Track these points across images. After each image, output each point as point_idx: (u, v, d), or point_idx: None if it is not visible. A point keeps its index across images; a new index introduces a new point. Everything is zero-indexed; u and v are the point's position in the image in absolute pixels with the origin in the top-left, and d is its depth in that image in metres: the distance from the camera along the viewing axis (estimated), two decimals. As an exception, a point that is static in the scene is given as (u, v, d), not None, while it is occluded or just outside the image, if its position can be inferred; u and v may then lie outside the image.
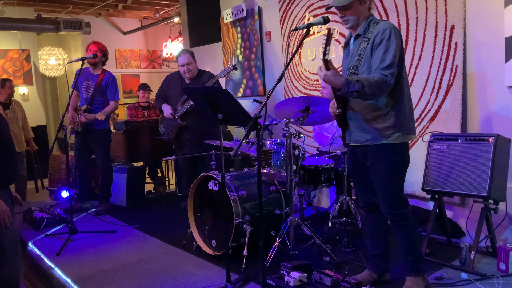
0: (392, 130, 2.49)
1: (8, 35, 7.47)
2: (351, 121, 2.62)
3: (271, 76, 5.25)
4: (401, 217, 2.57)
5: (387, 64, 2.36)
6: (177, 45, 9.04)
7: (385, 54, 2.37)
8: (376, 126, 2.51)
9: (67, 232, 4.00)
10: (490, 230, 3.09)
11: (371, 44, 2.44)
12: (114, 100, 4.77)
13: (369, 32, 2.48)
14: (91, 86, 4.74)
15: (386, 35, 2.39)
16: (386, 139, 2.50)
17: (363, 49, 2.48)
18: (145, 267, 3.32)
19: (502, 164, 3.03)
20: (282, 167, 3.37)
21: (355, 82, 2.31)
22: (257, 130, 2.44)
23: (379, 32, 2.42)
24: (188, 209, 3.61)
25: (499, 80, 3.24)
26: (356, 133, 2.60)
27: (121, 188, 5.26)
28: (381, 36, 2.41)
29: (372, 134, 2.52)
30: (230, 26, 5.71)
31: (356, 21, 2.52)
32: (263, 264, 2.61)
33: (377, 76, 2.34)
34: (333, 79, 2.35)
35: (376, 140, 2.52)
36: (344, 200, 3.46)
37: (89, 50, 4.70)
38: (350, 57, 2.60)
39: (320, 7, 4.50)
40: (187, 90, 3.80)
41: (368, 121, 2.53)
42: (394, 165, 2.53)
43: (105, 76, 4.73)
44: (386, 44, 2.38)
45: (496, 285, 2.72)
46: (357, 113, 2.56)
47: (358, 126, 2.58)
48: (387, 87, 2.38)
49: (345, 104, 2.60)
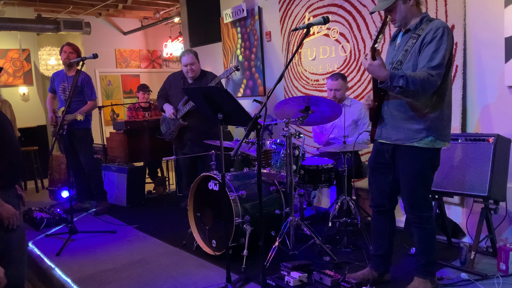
0: (426, 133, 2.41)
1: (8, 35, 7.46)
2: (385, 117, 2.54)
3: (271, 76, 5.25)
4: (422, 219, 2.53)
5: (436, 64, 2.28)
6: (177, 45, 9.03)
7: (435, 53, 2.29)
8: (410, 127, 2.43)
9: (67, 232, 4.00)
10: (490, 230, 3.09)
11: (421, 41, 2.35)
12: (92, 99, 4.75)
13: (420, 28, 2.39)
14: (67, 88, 4.72)
15: (439, 34, 2.30)
16: (418, 142, 2.42)
17: (411, 44, 2.38)
18: (145, 267, 3.32)
19: (502, 164, 3.03)
20: (282, 167, 3.37)
21: (400, 77, 2.23)
22: (257, 130, 2.44)
23: (431, 30, 2.33)
24: (188, 209, 3.61)
25: (499, 80, 3.24)
26: (388, 130, 2.52)
27: (121, 188, 5.25)
28: (433, 34, 2.31)
29: (405, 134, 2.45)
30: (230, 26, 5.71)
31: (403, 19, 2.45)
32: (263, 264, 2.61)
33: (423, 74, 2.26)
34: (377, 70, 2.26)
35: (407, 141, 2.45)
36: (344, 200, 3.46)
37: (64, 52, 4.69)
38: (395, 51, 2.51)
39: (320, 7, 4.50)
40: (187, 90, 3.79)
41: (403, 120, 2.45)
42: (422, 169, 2.47)
43: (80, 76, 4.69)
44: (437, 43, 2.29)
45: (496, 285, 2.72)
46: (393, 110, 2.48)
47: (391, 124, 2.50)
48: (432, 87, 2.30)
49: (382, 98, 2.51)
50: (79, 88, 4.69)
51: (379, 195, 2.71)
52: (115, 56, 9.26)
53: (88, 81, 4.77)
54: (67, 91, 4.70)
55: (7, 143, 2.35)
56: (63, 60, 4.72)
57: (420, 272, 2.61)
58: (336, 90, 3.90)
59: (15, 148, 2.41)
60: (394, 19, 2.47)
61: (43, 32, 7.70)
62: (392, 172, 2.61)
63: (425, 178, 2.51)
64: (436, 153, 2.50)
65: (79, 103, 4.71)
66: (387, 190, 2.66)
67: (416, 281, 2.62)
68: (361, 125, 3.94)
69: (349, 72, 4.30)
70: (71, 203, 4.12)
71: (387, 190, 2.66)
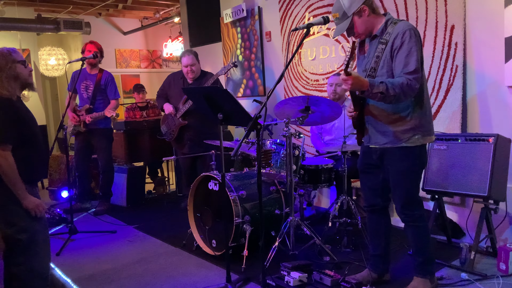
0: (412, 132, 2.45)
1: (8, 35, 7.47)
2: (369, 124, 2.57)
3: (271, 76, 5.25)
4: (414, 218, 2.55)
5: (413, 69, 2.31)
6: (177, 45, 9.04)
7: (408, 58, 2.32)
8: (395, 129, 2.47)
9: (67, 232, 4.00)
10: (490, 230, 3.09)
11: (390, 47, 2.38)
12: (115, 98, 4.80)
13: (386, 33, 2.42)
14: (90, 86, 4.75)
15: (406, 37, 2.33)
16: (406, 142, 2.46)
17: (381, 51, 2.41)
18: (145, 267, 3.33)
19: (502, 164, 3.03)
20: (282, 167, 3.37)
21: (379, 83, 2.28)
22: (257, 130, 2.44)
23: (399, 34, 2.36)
24: (188, 209, 3.61)
25: (499, 80, 3.24)
26: (375, 135, 2.56)
27: (121, 188, 5.26)
28: (401, 39, 2.34)
29: (392, 137, 2.49)
30: (230, 26, 5.71)
31: (366, 31, 2.49)
32: (263, 264, 2.61)
33: (401, 79, 2.30)
34: (358, 82, 2.28)
35: (395, 143, 2.48)
36: (344, 200, 3.46)
37: (87, 50, 4.68)
38: (366, 58, 2.54)
39: (320, 7, 4.50)
40: (187, 90, 3.80)
41: (388, 124, 2.48)
42: (411, 166, 2.50)
43: (103, 75, 4.74)
44: (408, 47, 2.33)
45: (496, 285, 2.72)
46: (375, 116, 2.52)
47: (377, 129, 2.54)
48: (413, 91, 2.34)
49: (362, 107, 2.54)
50: (103, 87, 4.72)
51: (371, 195, 2.74)
52: (115, 56, 9.26)
53: (112, 80, 4.81)
54: (90, 89, 4.73)
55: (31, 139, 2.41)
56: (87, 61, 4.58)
57: (419, 272, 2.63)
58: (337, 85, 3.90)
59: (40, 149, 2.47)
60: (357, 34, 2.50)
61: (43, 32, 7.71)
62: (381, 172, 2.64)
63: (415, 176, 2.55)
64: (423, 149, 2.55)
65: (102, 102, 4.75)
66: (379, 189, 2.69)
67: (415, 281, 2.63)
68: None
69: (349, 72, 4.29)
70: (71, 203, 4.12)
71: (378, 189, 2.69)
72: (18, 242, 2.33)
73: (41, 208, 2.39)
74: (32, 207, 2.35)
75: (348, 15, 2.44)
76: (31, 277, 2.38)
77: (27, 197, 2.34)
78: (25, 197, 2.33)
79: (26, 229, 2.35)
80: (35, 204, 2.37)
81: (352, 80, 2.26)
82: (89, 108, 4.70)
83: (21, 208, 2.33)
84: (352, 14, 2.44)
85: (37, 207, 2.37)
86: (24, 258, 2.35)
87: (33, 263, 2.38)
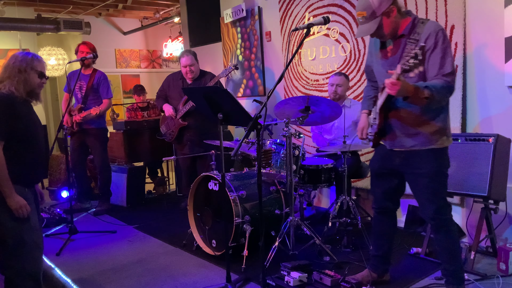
0: (440, 134, 2.41)
1: (8, 35, 7.46)
2: (395, 128, 2.48)
3: (271, 76, 5.25)
4: (447, 221, 2.48)
5: (450, 71, 2.26)
6: (177, 45, 9.03)
7: (444, 59, 2.26)
8: (425, 131, 2.40)
9: (67, 232, 4.00)
10: (490, 230, 3.09)
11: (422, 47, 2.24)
12: (108, 97, 4.79)
13: (415, 32, 2.32)
14: (83, 86, 4.76)
15: (440, 38, 2.27)
16: (435, 144, 2.41)
17: (410, 51, 2.25)
18: (145, 267, 3.32)
19: (502, 164, 3.03)
20: (282, 167, 3.37)
21: (424, 88, 2.19)
22: (257, 130, 2.44)
23: (431, 35, 2.28)
24: (188, 209, 3.61)
25: (499, 80, 3.24)
26: (401, 139, 2.47)
27: (121, 188, 5.26)
28: (434, 39, 2.27)
29: (420, 140, 2.42)
30: (230, 26, 5.71)
31: (392, 32, 2.39)
32: (263, 264, 2.60)
33: (441, 82, 2.24)
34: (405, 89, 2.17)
35: (424, 145, 2.41)
36: (344, 200, 3.46)
37: (80, 52, 4.69)
38: (392, 57, 2.43)
39: (320, 7, 4.50)
40: (187, 90, 3.79)
41: (417, 127, 2.41)
42: (442, 168, 2.46)
43: (96, 75, 4.73)
44: (442, 48, 2.26)
45: (496, 285, 2.72)
46: (403, 119, 2.43)
47: (404, 132, 2.45)
48: (450, 94, 2.30)
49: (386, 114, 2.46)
50: (95, 86, 4.72)
51: (382, 198, 2.70)
52: (115, 56, 9.26)
53: (104, 79, 4.81)
54: (83, 89, 4.74)
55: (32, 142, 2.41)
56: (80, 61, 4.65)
57: (454, 282, 2.52)
58: (338, 86, 3.90)
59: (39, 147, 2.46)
60: (384, 35, 2.40)
61: (43, 32, 7.71)
62: (399, 177, 2.59)
63: (445, 178, 2.49)
64: (447, 150, 2.50)
65: (95, 101, 4.75)
66: (392, 193, 2.65)
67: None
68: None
69: (349, 72, 4.29)
70: (71, 203, 4.12)
71: (391, 193, 2.65)
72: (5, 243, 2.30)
73: (24, 209, 2.32)
74: (15, 207, 2.30)
75: (377, 15, 2.33)
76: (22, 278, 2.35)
77: (12, 196, 2.29)
78: (9, 195, 2.28)
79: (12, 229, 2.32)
80: (19, 205, 2.31)
81: (400, 86, 2.15)
82: (81, 107, 4.69)
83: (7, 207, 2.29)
84: (381, 14, 2.32)
85: (20, 208, 2.31)
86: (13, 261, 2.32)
87: (24, 265, 2.35)
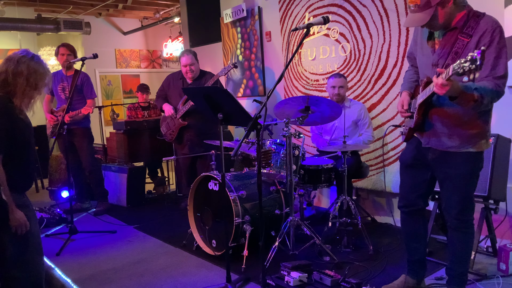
0: (480, 137, 2.29)
1: (8, 35, 7.46)
2: (435, 126, 2.35)
3: (271, 76, 5.25)
4: (468, 224, 2.41)
5: (502, 74, 2.10)
6: (177, 45, 9.03)
7: (497, 60, 2.10)
8: (463, 133, 2.28)
9: (67, 232, 4.00)
10: (490, 230, 3.09)
11: (475, 43, 2.12)
12: (92, 98, 4.79)
13: (469, 26, 2.15)
14: (66, 87, 4.77)
15: (496, 36, 2.09)
16: (473, 147, 2.29)
17: (461, 46, 2.15)
18: (145, 267, 3.33)
19: (502, 164, 3.03)
20: (282, 167, 3.37)
21: (473, 90, 2.04)
22: (257, 130, 2.44)
23: (487, 31, 2.10)
24: (188, 209, 3.62)
25: (499, 80, 3.23)
26: (439, 138, 2.35)
27: (121, 188, 5.26)
28: (490, 37, 2.09)
29: (458, 141, 2.30)
30: (230, 26, 5.71)
31: (446, 22, 2.20)
32: (263, 264, 2.60)
33: (491, 85, 2.08)
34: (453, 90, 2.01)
35: (462, 147, 2.30)
36: (344, 200, 3.46)
37: (61, 54, 4.71)
38: (440, 50, 2.26)
39: (320, 7, 4.50)
40: (187, 90, 3.80)
41: (457, 127, 2.29)
42: (475, 171, 2.36)
43: (80, 76, 4.71)
44: (497, 47, 2.09)
45: (496, 285, 2.72)
46: (444, 118, 2.31)
47: (442, 132, 2.33)
48: (499, 97, 2.15)
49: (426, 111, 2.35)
50: (79, 87, 4.72)
51: (412, 193, 2.55)
52: (115, 56, 9.26)
53: (87, 80, 4.82)
54: (67, 90, 4.73)
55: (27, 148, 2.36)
56: (62, 63, 4.74)
57: (457, 284, 2.47)
58: (340, 87, 3.90)
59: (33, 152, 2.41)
60: (434, 26, 2.23)
61: (43, 32, 7.70)
62: (430, 171, 2.47)
63: (475, 181, 2.40)
64: (483, 154, 2.39)
65: (79, 102, 4.74)
66: (423, 188, 2.52)
67: None
68: (361, 126, 3.94)
69: (349, 72, 4.30)
70: (71, 203, 4.12)
71: (423, 188, 2.52)
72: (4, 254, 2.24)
73: (23, 228, 2.25)
74: (15, 224, 2.22)
75: (432, 5, 2.15)
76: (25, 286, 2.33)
77: (13, 212, 2.22)
78: (11, 212, 2.21)
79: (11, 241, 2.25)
80: (19, 223, 2.23)
81: (450, 87, 1.98)
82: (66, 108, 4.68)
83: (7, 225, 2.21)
84: (436, 4, 2.15)
85: (20, 226, 2.23)
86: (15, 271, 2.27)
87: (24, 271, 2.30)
